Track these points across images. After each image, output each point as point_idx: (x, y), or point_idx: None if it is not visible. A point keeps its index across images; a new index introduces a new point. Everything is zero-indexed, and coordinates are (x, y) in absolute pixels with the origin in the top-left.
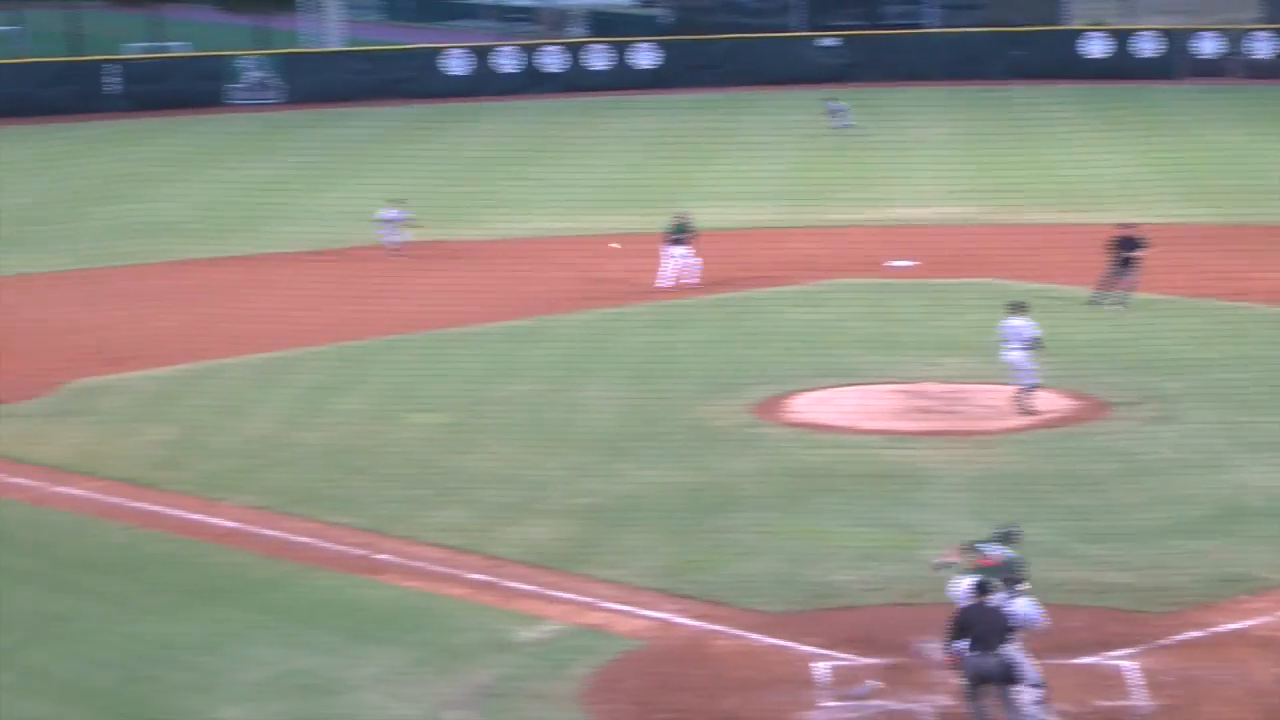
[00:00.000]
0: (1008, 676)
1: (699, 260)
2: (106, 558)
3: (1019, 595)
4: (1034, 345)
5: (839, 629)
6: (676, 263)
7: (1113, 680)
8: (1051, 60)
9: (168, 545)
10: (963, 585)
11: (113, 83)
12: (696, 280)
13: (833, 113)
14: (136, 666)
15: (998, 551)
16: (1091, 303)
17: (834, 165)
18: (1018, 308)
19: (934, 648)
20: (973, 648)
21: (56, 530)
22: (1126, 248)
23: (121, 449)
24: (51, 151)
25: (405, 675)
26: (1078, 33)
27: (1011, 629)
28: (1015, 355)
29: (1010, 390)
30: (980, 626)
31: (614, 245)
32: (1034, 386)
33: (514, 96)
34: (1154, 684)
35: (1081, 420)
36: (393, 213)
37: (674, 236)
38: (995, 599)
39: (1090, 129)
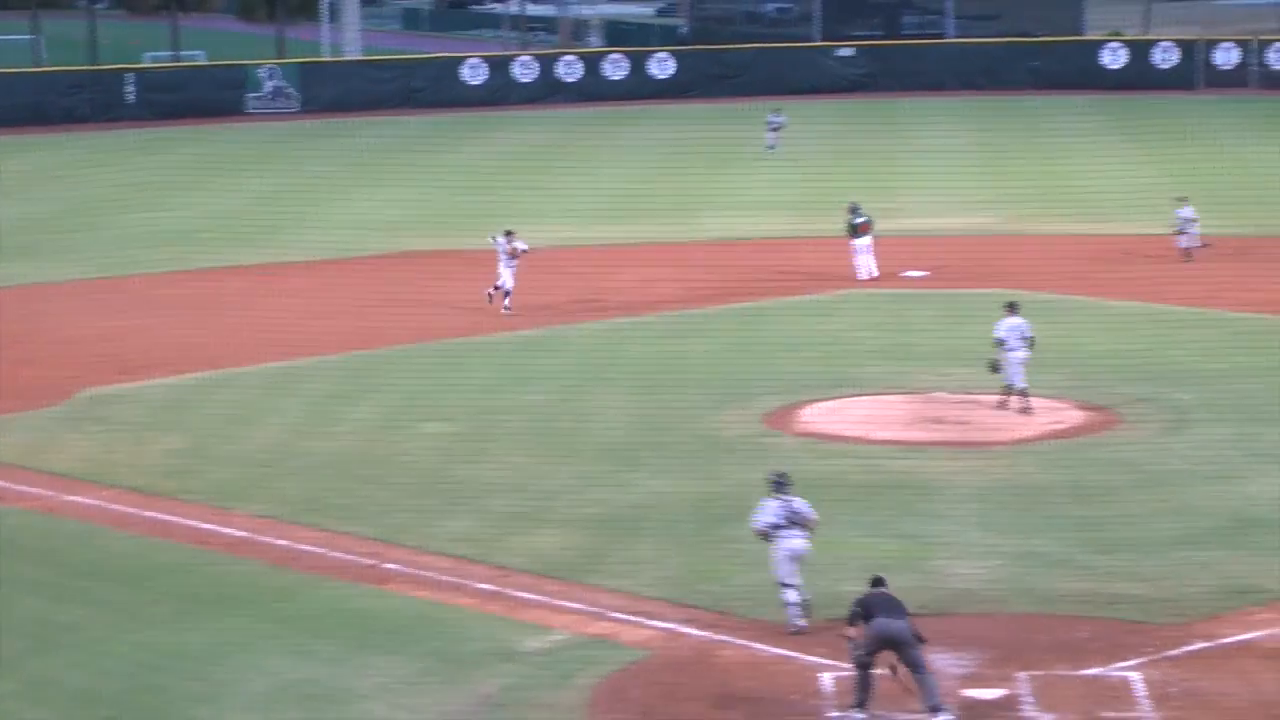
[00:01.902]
0: (917, 638)
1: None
2: (115, 566)
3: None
4: (1032, 345)
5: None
6: (865, 254)
7: (1119, 691)
8: (1069, 70)
9: (176, 554)
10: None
11: (131, 92)
12: (876, 273)
13: (772, 126)
14: (144, 676)
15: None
16: None
17: (850, 175)
18: (1013, 307)
19: (938, 659)
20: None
21: (66, 539)
22: None
23: (132, 458)
24: (69, 160)
25: (411, 685)
26: (1096, 43)
27: (905, 609)
28: (1024, 354)
29: (1001, 392)
30: (882, 606)
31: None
32: (1015, 387)
33: (532, 106)
34: (1160, 695)
35: (1093, 431)
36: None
37: (855, 227)
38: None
39: (1107, 139)
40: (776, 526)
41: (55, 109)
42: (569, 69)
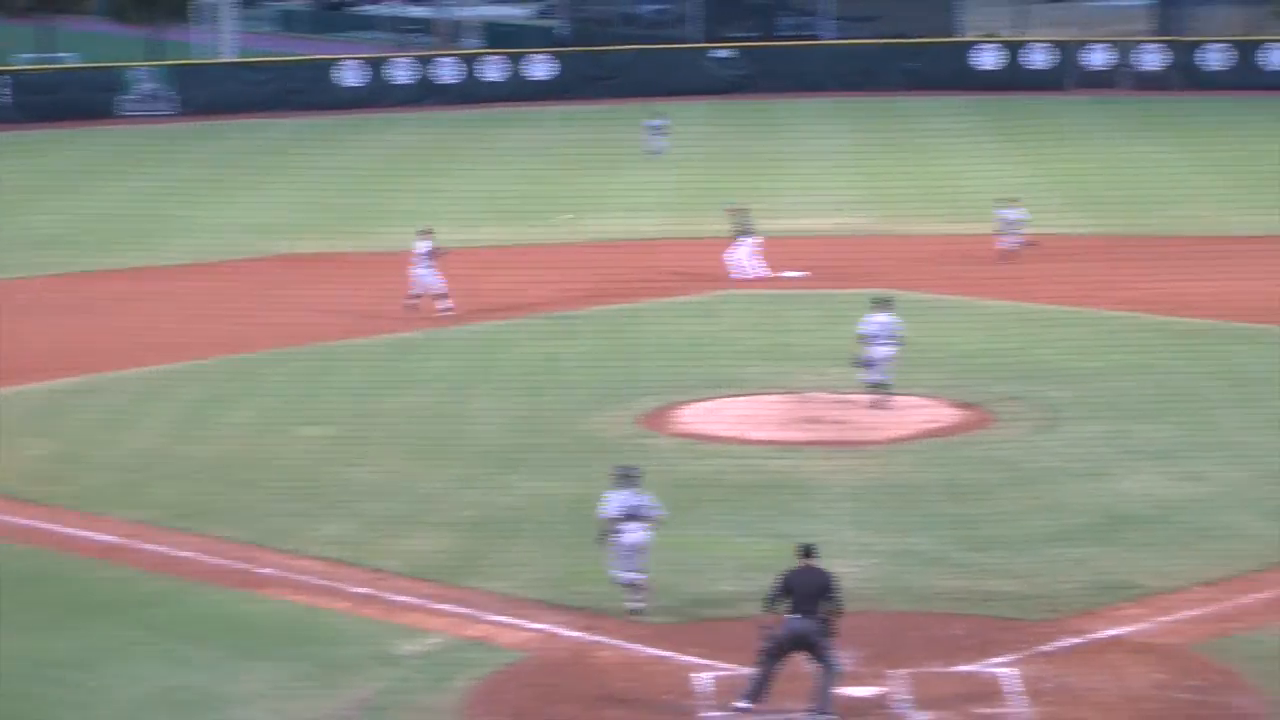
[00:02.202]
0: (825, 636)
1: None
2: None
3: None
4: (899, 343)
5: (722, 639)
6: (750, 252)
7: (993, 688)
8: (945, 72)
9: (45, 561)
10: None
11: (2, 94)
12: (767, 273)
13: (652, 130)
14: (10, 683)
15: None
16: None
17: (729, 176)
18: (884, 303)
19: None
20: (793, 610)
21: None
22: None
23: (3, 463)
24: None
25: (286, 690)
26: (971, 44)
27: (828, 586)
28: (888, 350)
29: (876, 392)
30: (802, 589)
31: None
32: (886, 384)
33: (410, 108)
34: (1033, 691)
35: (967, 429)
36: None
37: (740, 230)
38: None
39: (983, 140)
40: (621, 518)
41: None
42: (447, 71)
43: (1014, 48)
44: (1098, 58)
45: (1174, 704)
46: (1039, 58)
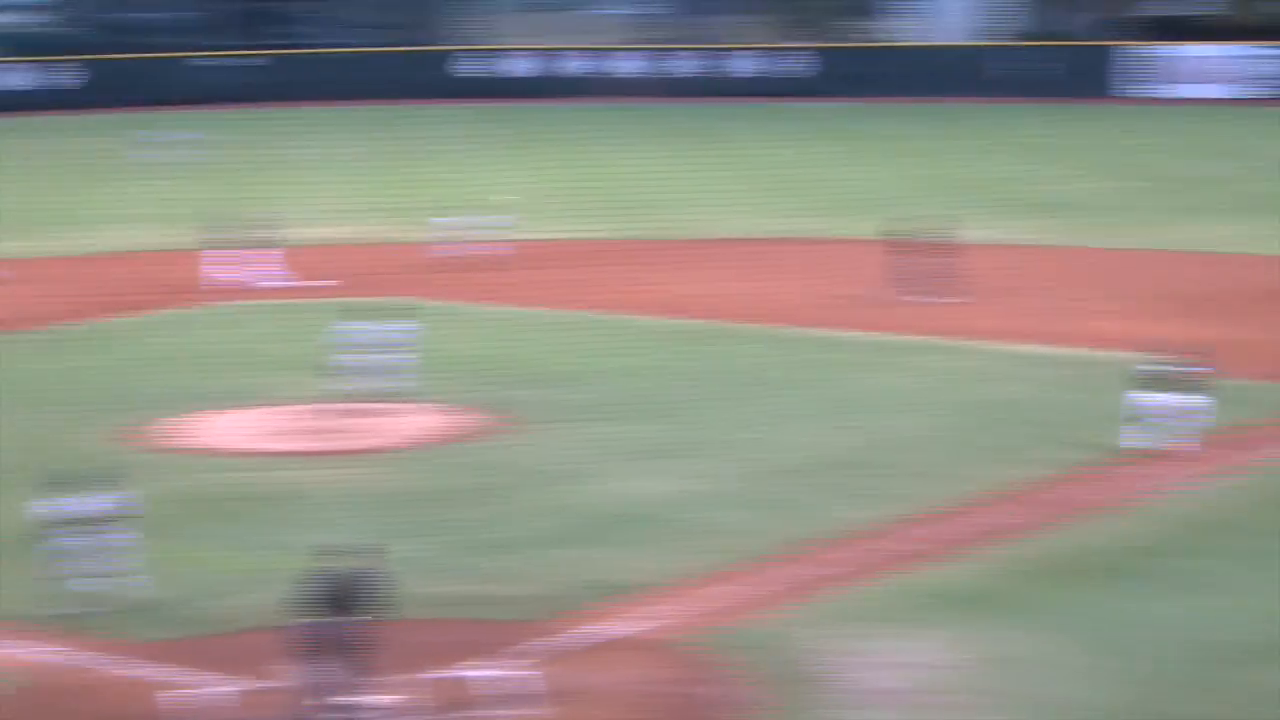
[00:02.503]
0: (355, 640)
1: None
2: None
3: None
4: (404, 352)
5: (209, 655)
6: (265, 264)
7: (499, 691)
8: (458, 80)
9: None
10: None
11: None
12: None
13: (162, 141)
14: None
15: None
16: None
17: (251, 185)
18: (387, 311)
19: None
20: (324, 614)
21: None
22: None
23: None
24: None
25: None
26: (480, 52)
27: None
28: (395, 358)
29: (378, 399)
30: (332, 594)
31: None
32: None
33: None
34: (540, 692)
35: (472, 436)
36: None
37: (265, 239)
38: None
39: (493, 148)
40: (98, 520)
41: None
42: None
43: (541, 56)
44: (627, 64)
45: (668, 698)
46: (557, 65)
